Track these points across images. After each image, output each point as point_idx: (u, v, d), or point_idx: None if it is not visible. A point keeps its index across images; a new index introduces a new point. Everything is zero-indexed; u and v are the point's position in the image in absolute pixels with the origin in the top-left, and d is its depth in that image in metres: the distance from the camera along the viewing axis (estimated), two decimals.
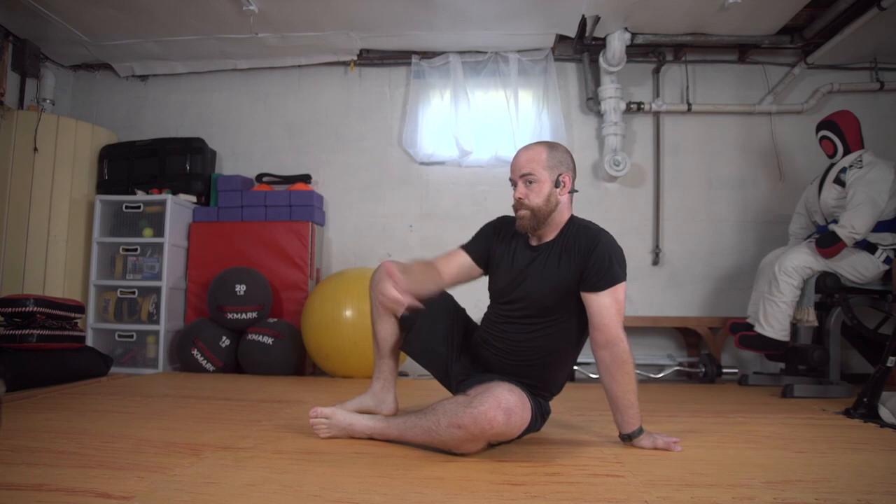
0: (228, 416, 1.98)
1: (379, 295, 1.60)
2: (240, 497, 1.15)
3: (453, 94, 3.74)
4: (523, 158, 1.65)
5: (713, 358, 3.31)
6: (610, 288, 1.55)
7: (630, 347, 1.57)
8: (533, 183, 1.62)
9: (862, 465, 1.46)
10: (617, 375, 1.56)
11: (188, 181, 3.66)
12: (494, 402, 1.39)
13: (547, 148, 1.66)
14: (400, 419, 1.59)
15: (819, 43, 3.42)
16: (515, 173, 1.66)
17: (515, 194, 1.65)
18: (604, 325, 1.55)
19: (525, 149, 1.67)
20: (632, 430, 1.60)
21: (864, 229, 2.67)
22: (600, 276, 1.55)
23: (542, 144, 1.68)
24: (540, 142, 1.70)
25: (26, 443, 1.53)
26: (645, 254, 3.69)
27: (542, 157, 1.63)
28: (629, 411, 1.58)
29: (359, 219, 3.85)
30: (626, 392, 1.57)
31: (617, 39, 3.42)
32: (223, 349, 3.21)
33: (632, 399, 1.58)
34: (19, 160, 3.40)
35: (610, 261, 1.56)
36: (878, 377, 2.09)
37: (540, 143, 1.68)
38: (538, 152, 1.65)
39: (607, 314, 1.55)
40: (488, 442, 1.48)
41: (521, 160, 1.65)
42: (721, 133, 3.73)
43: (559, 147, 1.68)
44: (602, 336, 1.55)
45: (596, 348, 1.58)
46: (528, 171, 1.62)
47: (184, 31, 3.51)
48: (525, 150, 1.67)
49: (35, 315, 2.64)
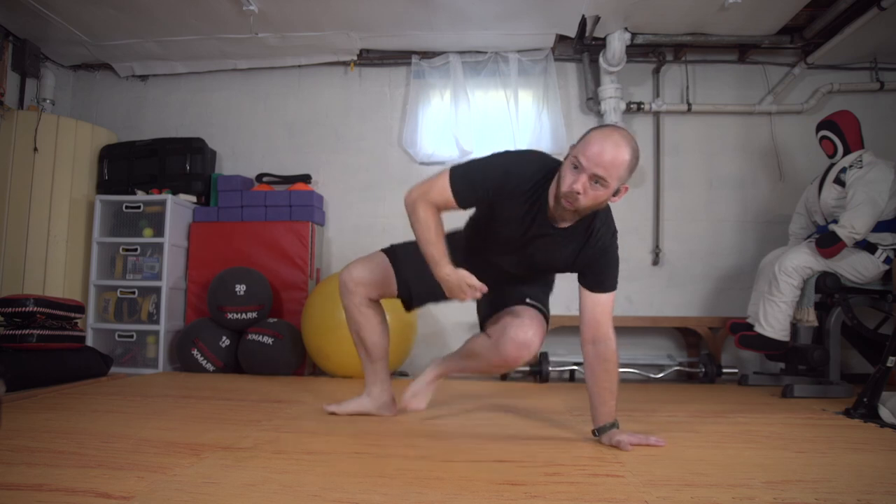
0: (228, 416, 1.98)
1: (466, 288, 1.61)
2: (240, 497, 1.15)
3: (453, 94, 3.74)
4: (608, 157, 1.42)
5: (713, 358, 3.31)
6: (613, 291, 1.65)
7: (617, 347, 1.64)
8: (598, 185, 1.45)
9: (862, 465, 1.46)
10: (597, 371, 1.64)
11: (188, 181, 3.66)
12: (522, 339, 1.67)
13: (631, 153, 1.45)
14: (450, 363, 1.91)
15: (819, 43, 3.42)
16: (590, 163, 1.43)
17: (574, 183, 1.44)
18: (597, 322, 1.63)
19: (613, 144, 1.42)
20: (601, 425, 1.65)
21: (864, 229, 2.67)
22: (610, 279, 1.65)
23: (629, 145, 1.45)
24: (625, 137, 1.45)
25: (26, 443, 1.53)
26: (645, 254, 3.69)
27: (625, 164, 1.44)
28: (602, 408, 1.65)
29: (359, 219, 3.84)
30: (601, 389, 1.64)
31: (617, 39, 3.42)
32: (223, 349, 3.21)
33: (606, 397, 1.64)
34: (19, 160, 3.40)
35: (617, 266, 1.65)
36: (878, 377, 2.09)
37: (626, 142, 1.45)
38: (624, 155, 1.43)
39: (602, 312, 1.63)
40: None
41: (606, 158, 1.42)
42: (721, 133, 3.73)
43: (637, 152, 1.49)
44: (592, 332, 1.64)
45: (584, 342, 1.66)
46: (605, 174, 1.43)
47: (184, 31, 3.51)
48: (613, 147, 1.42)
49: (35, 315, 2.64)
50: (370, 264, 1.92)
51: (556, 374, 3.44)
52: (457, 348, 1.95)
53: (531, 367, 3.27)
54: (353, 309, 1.89)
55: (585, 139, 1.48)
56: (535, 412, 2.20)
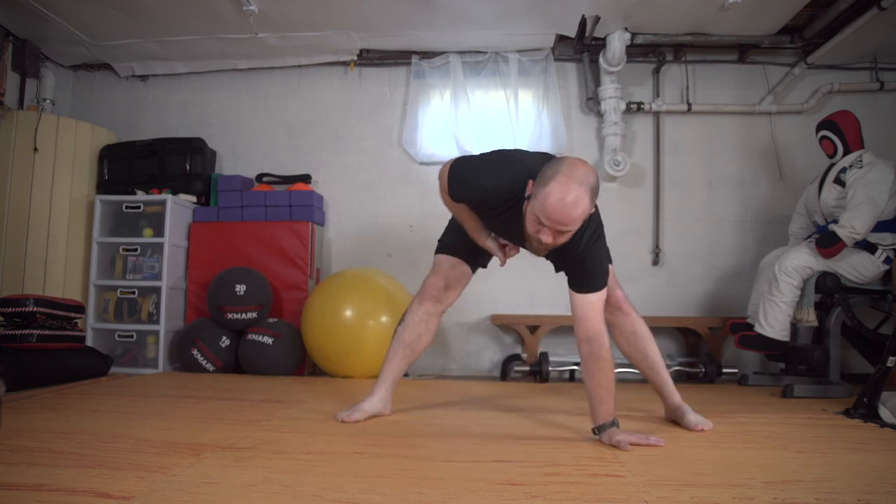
0: (228, 416, 1.98)
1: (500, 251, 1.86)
2: (240, 497, 1.15)
3: (453, 94, 3.73)
4: (569, 216, 1.46)
5: (713, 358, 3.31)
6: (599, 291, 1.68)
7: (610, 346, 1.67)
8: (564, 234, 1.52)
9: (862, 465, 1.46)
10: (592, 369, 1.66)
11: (188, 181, 3.66)
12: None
13: (590, 197, 1.48)
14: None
15: (819, 43, 3.42)
16: (552, 223, 1.48)
17: (538, 233, 1.52)
18: (587, 320, 1.66)
19: (572, 204, 1.45)
20: (600, 423, 1.66)
21: (864, 229, 2.67)
22: (595, 280, 1.67)
23: (587, 194, 1.47)
24: (582, 186, 1.46)
25: (26, 443, 1.53)
26: (645, 254, 3.69)
27: (585, 211, 1.48)
28: (599, 407, 1.66)
29: (359, 219, 3.84)
30: (598, 387, 1.66)
31: (617, 39, 3.42)
32: (223, 349, 3.21)
33: (604, 395, 1.65)
34: (19, 160, 3.40)
35: (601, 268, 1.67)
36: (878, 377, 2.09)
37: (585, 193, 1.46)
38: (582, 207, 1.47)
39: (592, 311, 1.67)
40: None
41: (567, 217, 1.47)
42: (721, 133, 3.73)
43: (596, 187, 1.51)
44: (584, 330, 1.67)
45: (578, 342, 1.69)
46: (568, 227, 1.50)
47: (184, 31, 3.51)
48: (572, 206, 1.45)
49: (35, 315, 2.64)
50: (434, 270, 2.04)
51: (556, 374, 3.44)
52: (456, 348, 2.02)
53: (531, 367, 3.27)
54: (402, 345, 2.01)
55: (544, 196, 1.47)
56: (535, 412, 2.20)
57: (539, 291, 3.60)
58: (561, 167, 1.49)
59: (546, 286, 3.50)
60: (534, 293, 3.59)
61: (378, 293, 3.10)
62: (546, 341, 3.51)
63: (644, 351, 1.94)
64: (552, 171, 1.48)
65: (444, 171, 1.74)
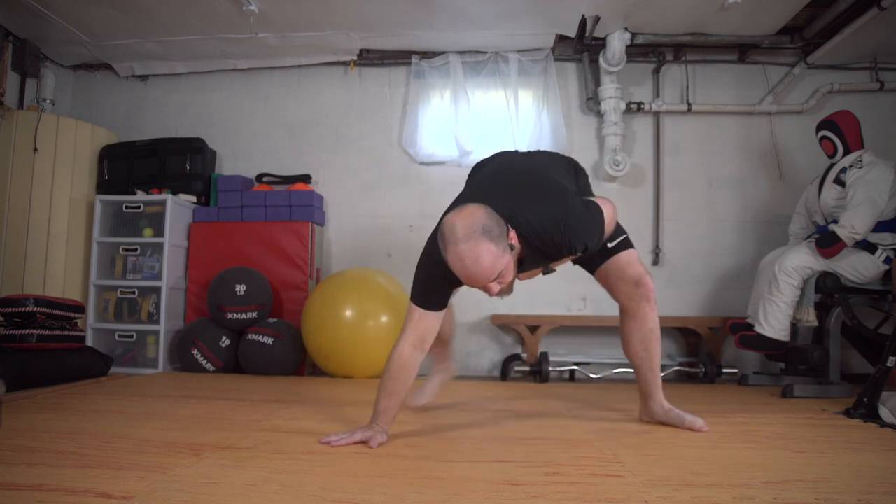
0: (228, 416, 1.98)
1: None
2: (240, 497, 1.15)
3: (453, 94, 3.73)
4: (481, 274, 1.38)
5: (713, 358, 3.31)
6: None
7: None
8: (500, 277, 1.42)
9: (862, 465, 1.45)
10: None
11: (188, 181, 3.66)
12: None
13: (490, 241, 1.36)
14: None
15: (819, 43, 3.41)
16: (479, 284, 1.41)
17: (486, 291, 1.44)
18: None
19: (474, 262, 1.36)
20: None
21: (864, 229, 2.67)
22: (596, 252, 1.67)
23: (485, 240, 1.36)
24: (478, 235, 1.36)
25: (26, 443, 1.53)
26: (645, 254, 3.68)
27: (490, 255, 1.36)
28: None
29: (359, 219, 3.85)
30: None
31: (617, 39, 3.42)
32: (223, 349, 3.21)
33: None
34: (19, 160, 3.40)
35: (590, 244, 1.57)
36: (878, 377, 2.09)
37: (482, 241, 1.35)
38: (486, 258, 1.36)
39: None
40: None
41: (480, 276, 1.38)
42: (721, 133, 3.73)
43: (486, 224, 1.38)
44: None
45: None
46: (491, 277, 1.40)
47: (184, 31, 3.51)
48: (474, 267, 1.36)
49: (35, 315, 2.64)
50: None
51: (556, 375, 3.44)
52: (456, 348, 1.93)
53: (531, 367, 3.27)
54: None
55: (451, 263, 1.39)
56: (535, 412, 2.20)
57: (539, 292, 3.59)
58: (448, 232, 1.39)
59: (546, 286, 3.49)
60: (534, 293, 3.59)
61: (378, 293, 3.10)
62: (546, 341, 3.51)
63: (652, 350, 1.92)
64: (443, 239, 1.40)
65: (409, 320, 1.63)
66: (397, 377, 1.61)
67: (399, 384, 1.62)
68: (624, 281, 1.82)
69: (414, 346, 1.62)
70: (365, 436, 1.58)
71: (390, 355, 1.63)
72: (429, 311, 1.62)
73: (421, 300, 1.62)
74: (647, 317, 1.87)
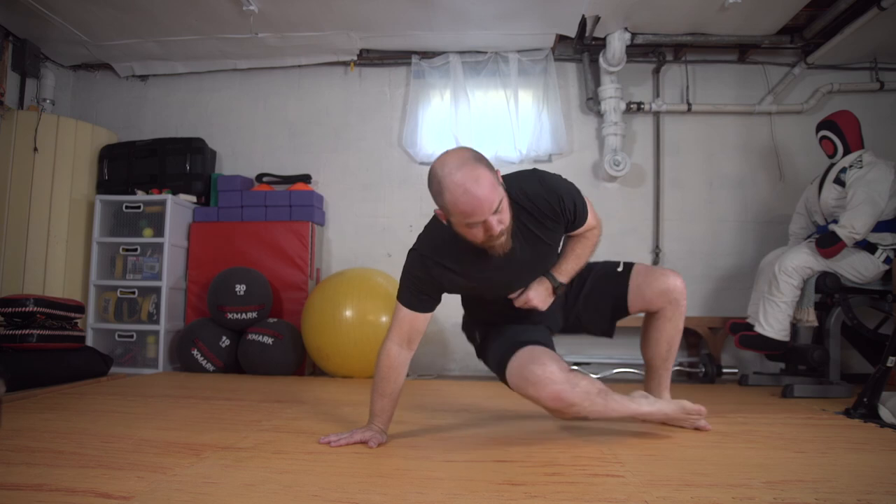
0: (228, 416, 1.98)
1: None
2: (240, 497, 1.15)
3: (453, 94, 3.73)
4: (484, 200, 1.33)
5: (713, 358, 3.31)
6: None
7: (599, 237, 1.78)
8: (498, 212, 1.37)
9: (862, 465, 1.45)
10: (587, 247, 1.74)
11: (188, 181, 3.66)
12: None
13: (486, 167, 1.37)
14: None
15: (819, 43, 3.42)
16: (479, 215, 1.34)
17: (487, 232, 1.38)
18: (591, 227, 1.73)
19: (475, 184, 1.32)
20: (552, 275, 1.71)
21: (864, 229, 2.67)
22: (580, 217, 1.66)
23: (481, 166, 1.36)
24: (473, 161, 1.36)
25: (26, 443, 1.53)
26: (645, 254, 3.69)
27: (492, 182, 1.35)
28: (562, 264, 1.73)
29: (359, 219, 3.85)
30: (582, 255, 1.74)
31: (617, 39, 3.42)
32: (223, 349, 3.21)
33: (569, 256, 1.73)
34: (19, 160, 3.40)
35: (576, 201, 1.61)
36: (878, 377, 2.09)
37: (478, 166, 1.35)
38: (487, 179, 1.34)
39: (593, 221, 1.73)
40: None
41: (484, 201, 1.33)
42: (721, 133, 3.73)
43: (478, 153, 1.40)
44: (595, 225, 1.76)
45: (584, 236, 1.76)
46: (494, 206, 1.35)
47: (184, 31, 3.51)
48: (476, 186, 1.32)
49: (35, 315, 2.64)
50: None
51: None
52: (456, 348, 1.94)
53: None
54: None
55: (451, 204, 1.35)
56: (535, 412, 2.19)
57: None
58: (440, 170, 1.36)
59: None
60: None
61: (378, 293, 3.10)
62: None
63: (675, 350, 1.90)
64: (436, 180, 1.37)
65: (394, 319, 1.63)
66: (388, 378, 1.61)
67: (390, 385, 1.62)
68: (654, 288, 1.78)
69: (401, 346, 1.62)
70: (364, 436, 1.58)
71: (378, 356, 1.62)
72: (415, 311, 1.61)
73: (407, 301, 1.61)
74: (682, 316, 1.83)
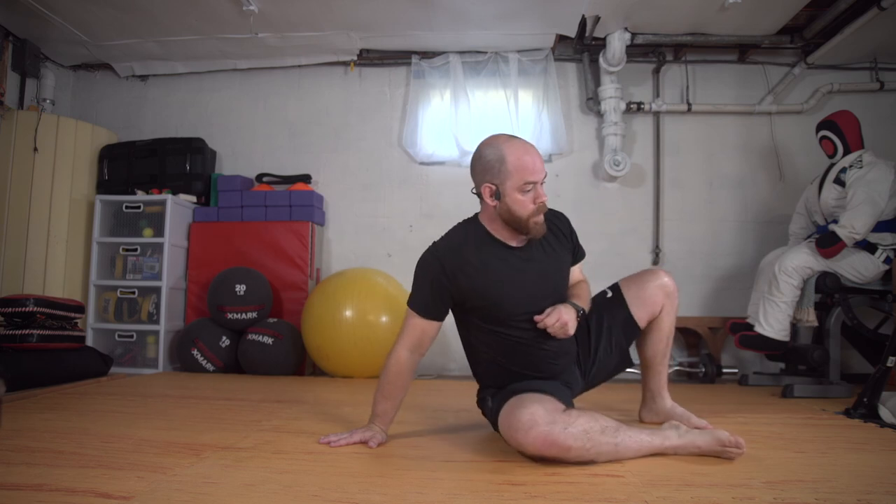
0: (228, 416, 1.98)
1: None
2: (240, 497, 1.15)
3: (453, 94, 3.74)
4: (541, 159, 1.54)
5: (713, 358, 3.31)
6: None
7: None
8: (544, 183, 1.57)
9: (862, 465, 1.45)
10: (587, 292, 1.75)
11: (188, 181, 3.66)
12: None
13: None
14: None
15: (819, 43, 3.42)
16: (539, 174, 1.52)
17: (538, 198, 1.53)
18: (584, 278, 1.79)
19: (532, 147, 1.55)
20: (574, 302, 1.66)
21: (864, 229, 2.67)
22: (580, 249, 1.76)
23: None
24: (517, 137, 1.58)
25: (26, 443, 1.53)
26: (645, 254, 3.69)
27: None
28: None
29: (359, 219, 3.85)
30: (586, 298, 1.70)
31: (617, 39, 3.42)
32: (223, 349, 3.21)
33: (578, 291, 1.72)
34: (19, 160, 3.40)
35: (574, 232, 1.76)
36: (878, 377, 2.09)
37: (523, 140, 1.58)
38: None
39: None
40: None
41: (542, 161, 1.54)
42: (721, 133, 3.73)
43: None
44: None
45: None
46: (545, 171, 1.56)
47: (184, 31, 3.51)
48: (534, 149, 1.55)
49: (35, 315, 2.64)
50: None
51: None
52: (456, 348, 1.93)
53: None
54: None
55: (514, 161, 1.50)
56: None
57: None
58: (496, 143, 1.54)
59: None
60: None
61: (378, 293, 3.10)
62: None
63: (670, 346, 1.89)
64: (494, 151, 1.52)
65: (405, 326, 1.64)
66: (395, 381, 1.62)
67: (397, 388, 1.62)
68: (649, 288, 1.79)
69: (411, 351, 1.62)
70: (364, 436, 1.58)
71: (388, 359, 1.62)
72: (426, 318, 1.61)
73: (419, 306, 1.61)
74: (676, 310, 1.86)
